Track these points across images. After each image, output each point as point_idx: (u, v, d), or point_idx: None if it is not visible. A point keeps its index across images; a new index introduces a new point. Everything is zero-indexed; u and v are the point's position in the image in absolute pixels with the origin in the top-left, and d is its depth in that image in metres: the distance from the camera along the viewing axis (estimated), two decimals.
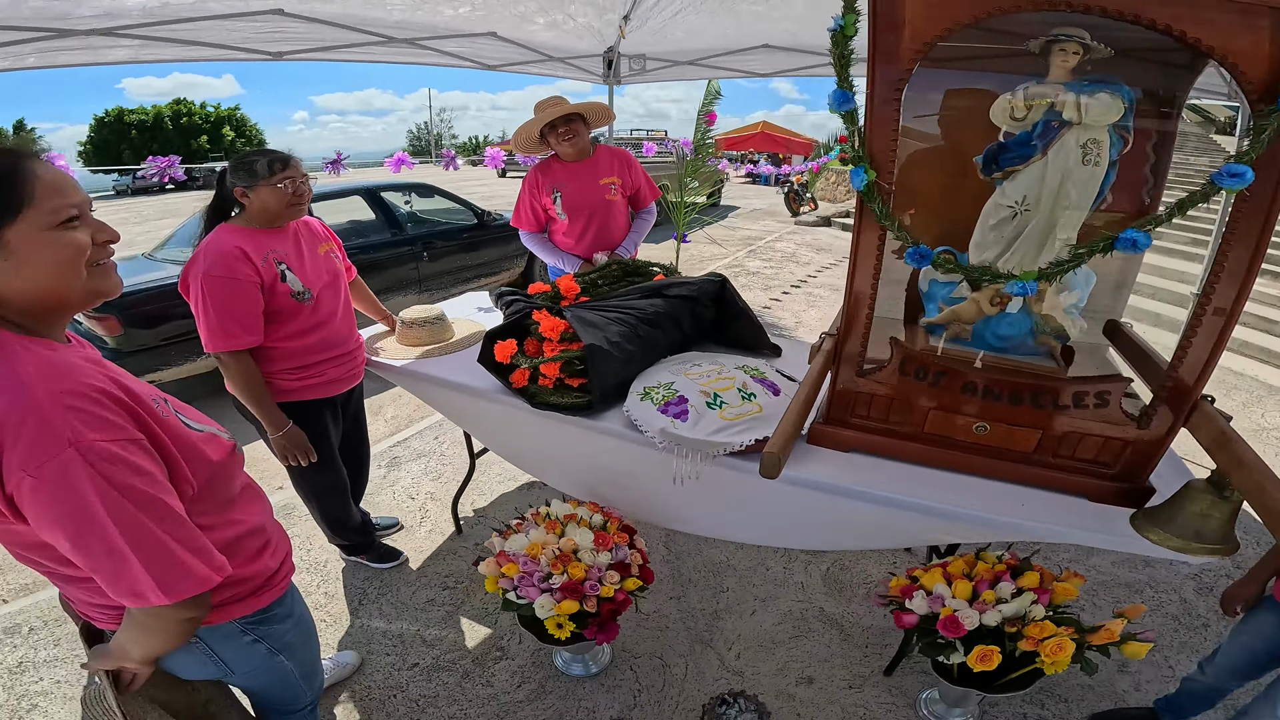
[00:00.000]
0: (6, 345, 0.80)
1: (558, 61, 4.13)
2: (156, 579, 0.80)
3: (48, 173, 0.81)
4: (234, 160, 1.77)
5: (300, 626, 1.20)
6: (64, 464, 0.74)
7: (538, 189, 2.70)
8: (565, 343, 1.78)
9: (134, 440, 0.81)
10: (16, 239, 0.78)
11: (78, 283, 0.85)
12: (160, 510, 0.82)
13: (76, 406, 0.77)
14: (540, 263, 6.29)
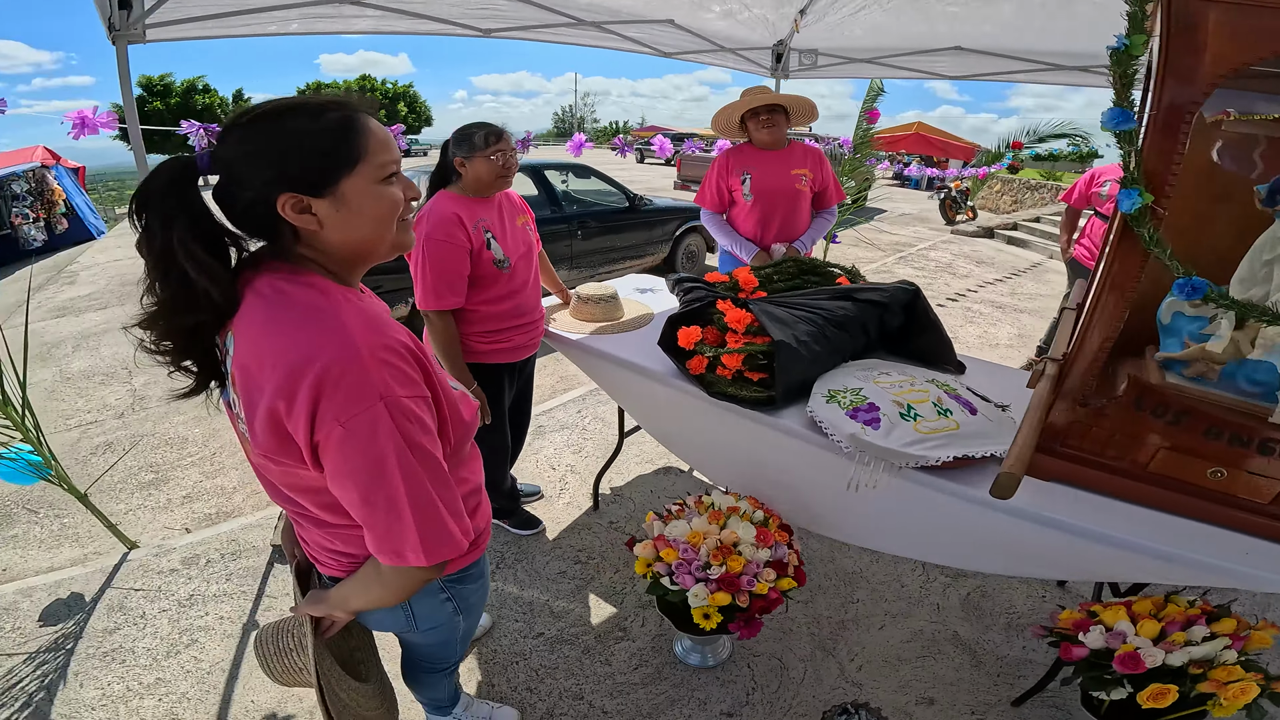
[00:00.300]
0: (332, 295, 0.82)
1: (728, 52, 4.09)
2: (422, 540, 0.81)
3: (377, 128, 0.84)
4: (456, 132, 1.90)
5: (483, 589, 1.23)
6: (374, 417, 0.75)
7: (726, 170, 2.72)
8: (750, 336, 1.75)
9: (425, 398, 0.83)
10: (350, 190, 0.80)
11: (389, 235, 0.87)
12: (436, 471, 0.83)
13: (389, 361, 0.78)
14: (682, 250, 6.42)
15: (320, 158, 0.78)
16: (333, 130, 0.79)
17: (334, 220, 0.81)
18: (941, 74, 4.27)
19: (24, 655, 1.98)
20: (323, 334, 0.77)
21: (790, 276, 2.18)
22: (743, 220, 2.75)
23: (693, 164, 11.87)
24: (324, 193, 0.79)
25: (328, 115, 0.80)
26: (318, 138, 0.78)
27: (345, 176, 0.80)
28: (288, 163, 0.77)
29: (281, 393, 0.75)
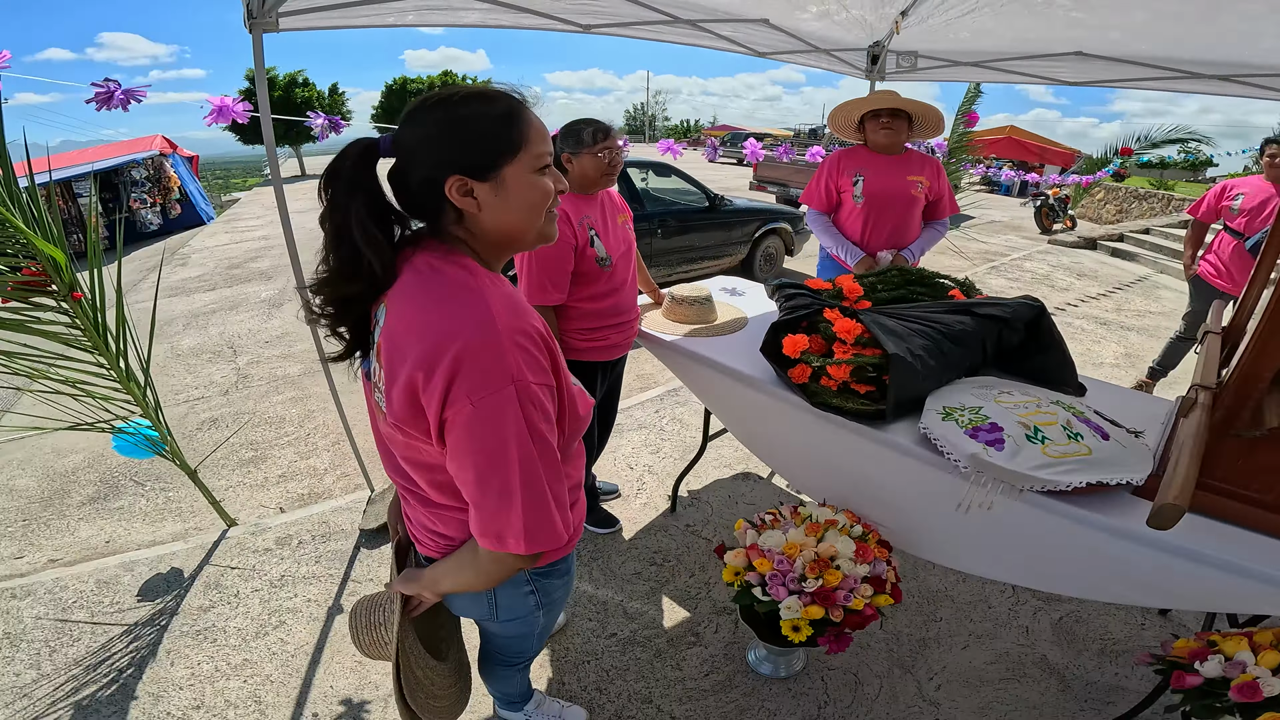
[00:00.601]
0: (479, 277, 0.84)
1: (821, 52, 3.96)
2: (526, 527, 0.81)
3: (536, 120, 0.86)
4: (564, 128, 1.89)
5: (567, 586, 1.21)
6: (503, 400, 0.76)
7: (837, 170, 2.64)
8: (859, 347, 1.66)
9: (550, 386, 0.84)
10: (510, 176, 0.83)
11: (536, 224, 0.89)
12: (552, 460, 0.83)
13: (524, 346, 0.80)
14: (761, 252, 6.29)
15: (487, 143, 0.82)
16: (500, 118, 0.82)
17: (492, 204, 0.84)
18: (1060, 79, 4.01)
19: (120, 629, 2.10)
20: (468, 312, 0.79)
21: (895, 286, 2.07)
22: (849, 223, 2.66)
23: (769, 165, 11.64)
24: (487, 177, 0.82)
25: (497, 104, 0.83)
26: (487, 124, 0.82)
27: (508, 163, 0.83)
28: (459, 146, 0.81)
29: (422, 364, 0.78)
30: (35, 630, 2.08)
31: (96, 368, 2.22)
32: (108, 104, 1.84)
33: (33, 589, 2.27)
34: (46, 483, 3.10)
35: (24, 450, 3.38)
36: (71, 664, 1.95)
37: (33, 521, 2.77)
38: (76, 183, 10.26)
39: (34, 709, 1.80)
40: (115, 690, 1.85)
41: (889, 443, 1.57)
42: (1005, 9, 2.92)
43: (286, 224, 2.20)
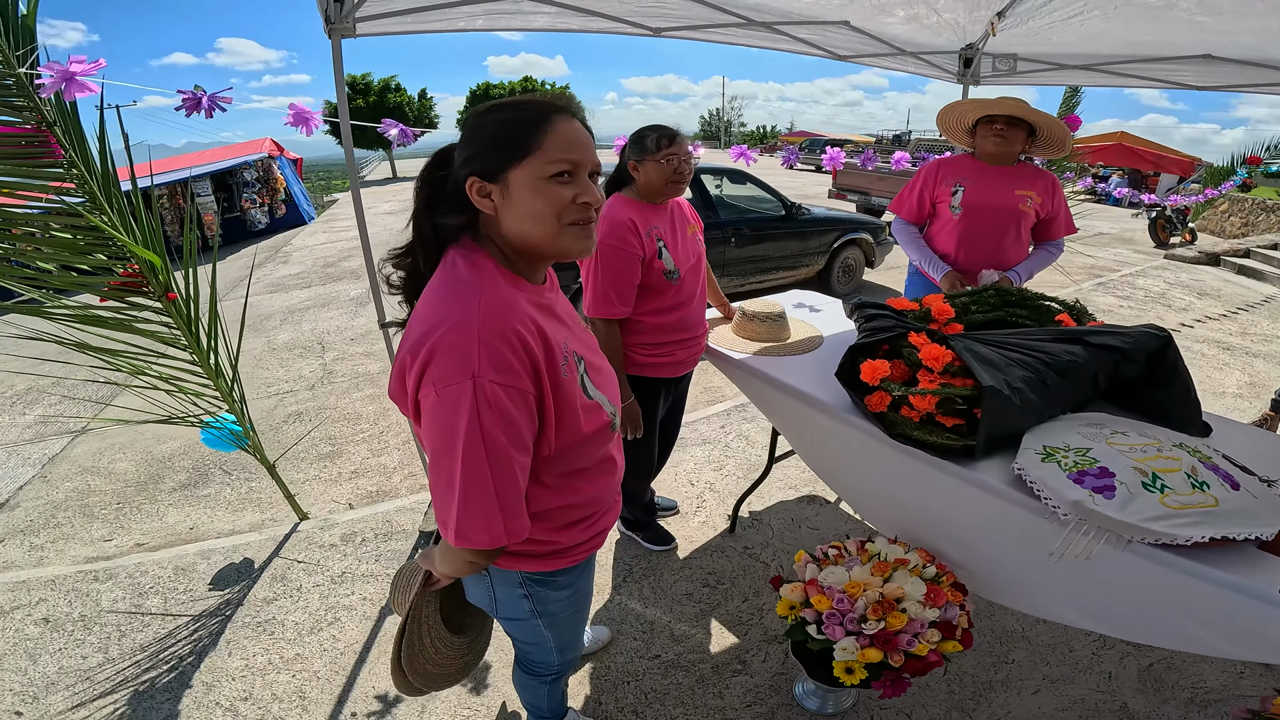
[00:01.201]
0: (483, 275, 0.88)
1: (908, 56, 3.74)
2: (459, 521, 0.84)
3: (566, 127, 0.87)
4: (632, 135, 1.82)
5: (573, 601, 1.20)
6: (460, 392, 0.79)
7: (935, 178, 2.44)
8: (947, 376, 1.51)
9: (521, 391, 0.84)
10: (515, 180, 0.86)
11: (549, 235, 0.89)
12: (503, 464, 0.83)
13: (493, 345, 0.81)
14: (839, 264, 6.02)
15: (496, 146, 0.86)
16: (517, 123, 0.86)
17: (503, 208, 0.88)
18: (1183, 83, 3.63)
19: (189, 617, 2.18)
20: (453, 305, 0.84)
21: (992, 308, 1.89)
22: (942, 236, 2.45)
23: (849, 172, 11.22)
24: (497, 179, 0.87)
25: (522, 111, 0.87)
26: (502, 129, 0.86)
27: (513, 167, 0.85)
28: (476, 149, 0.88)
29: (410, 348, 0.84)
30: (109, 615, 2.20)
31: (188, 364, 2.34)
32: (195, 110, 1.92)
33: (115, 573, 2.42)
34: (144, 467, 3.33)
35: (128, 434, 3.65)
36: (137, 649, 2.04)
37: (126, 505, 2.96)
38: (196, 183, 11.20)
39: (92, 691, 1.89)
40: (173, 678, 1.93)
41: (976, 482, 1.42)
42: (1119, 11, 2.68)
43: (361, 223, 2.25)
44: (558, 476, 1.00)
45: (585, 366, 0.99)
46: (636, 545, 2.45)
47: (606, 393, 1.03)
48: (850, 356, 1.65)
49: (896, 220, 2.59)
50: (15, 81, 1.80)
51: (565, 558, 1.10)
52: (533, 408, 0.86)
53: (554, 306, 0.99)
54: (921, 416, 1.51)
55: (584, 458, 1.02)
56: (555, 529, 1.05)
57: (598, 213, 0.92)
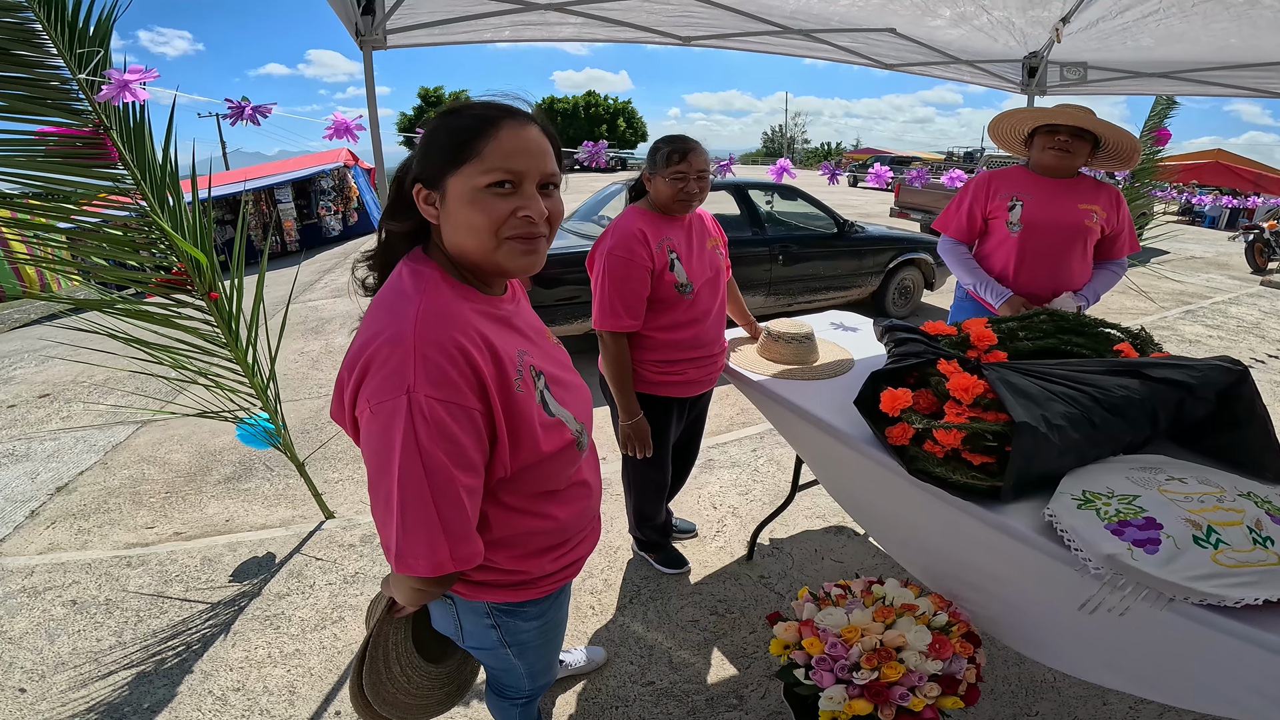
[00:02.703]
0: (424, 285, 0.83)
1: (963, 64, 3.54)
2: (399, 545, 0.78)
3: (513, 134, 0.81)
4: (653, 143, 1.77)
5: (544, 631, 1.12)
6: (394, 408, 0.75)
7: (986, 192, 2.25)
8: (978, 409, 1.37)
9: (464, 408, 0.78)
10: (451, 190, 0.82)
11: (485, 249, 0.83)
12: (444, 484, 0.77)
13: (431, 357, 0.76)
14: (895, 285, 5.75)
15: (436, 153, 0.82)
16: (458, 129, 0.81)
17: (443, 217, 0.84)
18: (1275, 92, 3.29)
19: (204, 606, 2.24)
20: (390, 317, 0.80)
21: (1043, 334, 1.72)
22: (997, 254, 2.25)
23: (912, 190, 10.83)
24: (435, 186, 0.83)
25: (467, 116, 0.82)
26: (444, 134, 0.82)
27: (449, 174, 0.81)
28: (420, 153, 0.84)
29: (347, 363, 0.80)
30: (132, 599, 2.28)
31: (228, 362, 2.42)
32: (240, 119, 1.99)
33: (146, 559, 2.51)
34: (196, 459, 3.48)
35: (187, 427, 3.83)
36: (149, 635, 2.10)
37: (173, 494, 3.09)
38: (278, 190, 11.92)
39: (96, 673, 1.95)
40: (175, 665, 1.97)
41: (1000, 527, 1.28)
42: (1196, 9, 2.45)
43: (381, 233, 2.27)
44: (524, 498, 0.94)
45: (546, 381, 0.93)
46: (648, 566, 2.37)
47: (572, 408, 0.97)
48: (871, 384, 1.52)
49: (943, 239, 2.40)
50: (77, 84, 1.91)
51: (534, 588, 1.03)
52: (479, 425, 0.80)
53: (512, 319, 0.93)
54: (946, 452, 1.37)
55: (551, 479, 0.95)
56: (522, 556, 0.99)
57: (551, 227, 0.86)
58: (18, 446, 3.77)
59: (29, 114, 1.90)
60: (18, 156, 1.93)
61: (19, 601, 2.26)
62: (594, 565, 2.40)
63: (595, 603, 2.21)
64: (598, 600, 2.22)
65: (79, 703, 1.82)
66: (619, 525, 2.57)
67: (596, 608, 2.18)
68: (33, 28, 1.83)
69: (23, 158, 1.94)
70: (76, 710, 1.80)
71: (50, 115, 1.92)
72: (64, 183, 2.03)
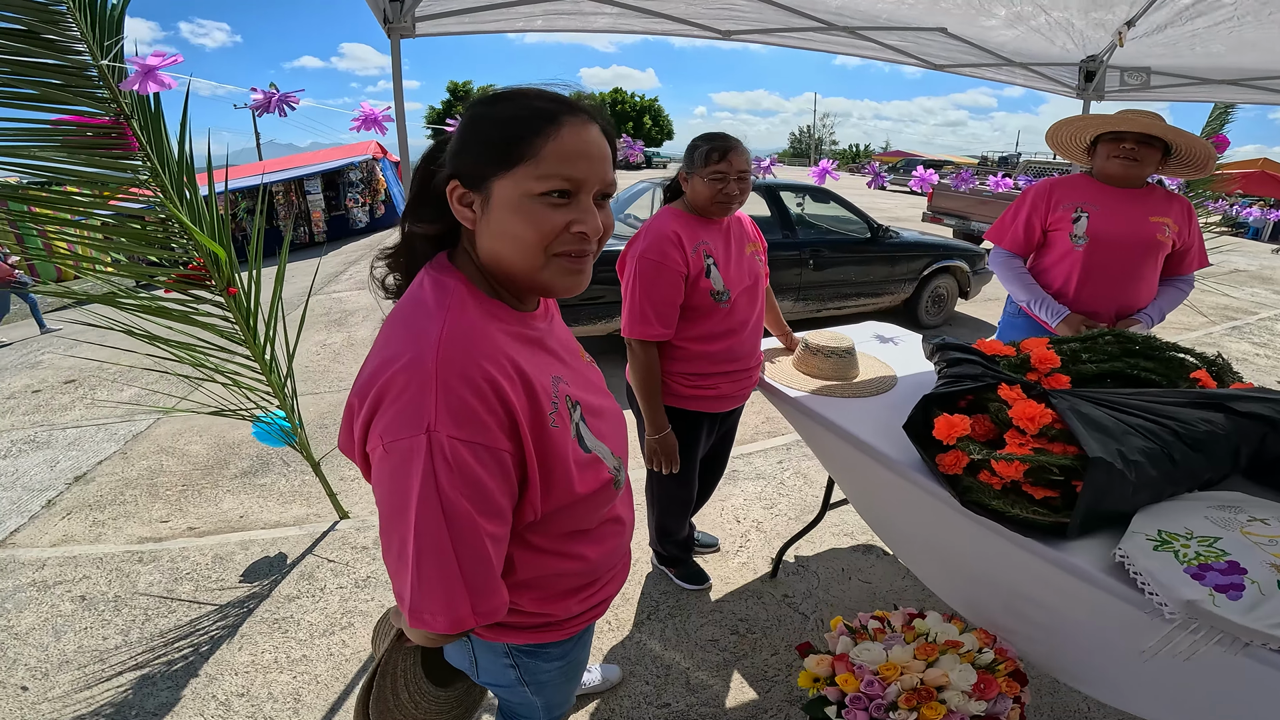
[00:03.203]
0: (449, 299, 0.73)
1: (1016, 66, 3.38)
2: (414, 600, 0.69)
3: (575, 134, 0.70)
4: (691, 141, 1.66)
5: (566, 670, 1.03)
6: (411, 449, 0.65)
7: (1047, 202, 2.08)
8: (1043, 440, 1.25)
9: (492, 449, 0.68)
10: (498, 194, 0.70)
11: (531, 266, 0.73)
12: (467, 535, 0.68)
13: (456, 391, 0.66)
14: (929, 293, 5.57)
15: (482, 149, 0.71)
16: (514, 123, 0.70)
17: (482, 222, 0.73)
18: None
19: (214, 607, 2.18)
20: (409, 340, 0.70)
21: (1109, 358, 1.59)
22: (1057, 269, 2.09)
23: (946, 194, 10.56)
24: (478, 187, 0.72)
25: (525, 107, 0.71)
26: (496, 128, 0.70)
27: (497, 177, 0.70)
28: (461, 147, 0.72)
29: (359, 389, 0.71)
30: (141, 598, 2.24)
31: (246, 359, 2.37)
32: (267, 110, 1.93)
33: (158, 555, 2.47)
34: (214, 451, 3.46)
35: (207, 417, 3.81)
36: (156, 635, 2.06)
37: (190, 488, 3.07)
38: (307, 181, 12.04)
39: (101, 673, 1.90)
40: (181, 668, 1.92)
41: (1063, 565, 1.17)
42: (1274, 17, 2.31)
43: None
44: (552, 539, 0.84)
45: (582, 412, 0.82)
46: (668, 581, 2.28)
47: (609, 441, 0.87)
48: (923, 408, 1.40)
49: (996, 251, 2.24)
50: (98, 72, 1.86)
51: (559, 630, 0.93)
52: (508, 468, 0.70)
53: (545, 339, 0.83)
54: (1005, 485, 1.25)
55: (583, 519, 0.85)
56: (547, 598, 0.89)
57: (601, 244, 0.76)
58: (39, 434, 3.79)
59: (56, 101, 1.85)
60: (34, 146, 1.89)
61: (28, 595, 2.23)
62: None
63: (612, 617, 2.12)
64: (614, 615, 2.13)
65: (81, 704, 1.78)
66: (639, 537, 2.47)
67: (613, 623, 2.10)
68: (59, 10, 1.78)
69: (41, 147, 1.89)
70: (78, 712, 1.76)
71: (74, 103, 1.87)
72: (83, 174, 1.99)
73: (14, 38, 1.76)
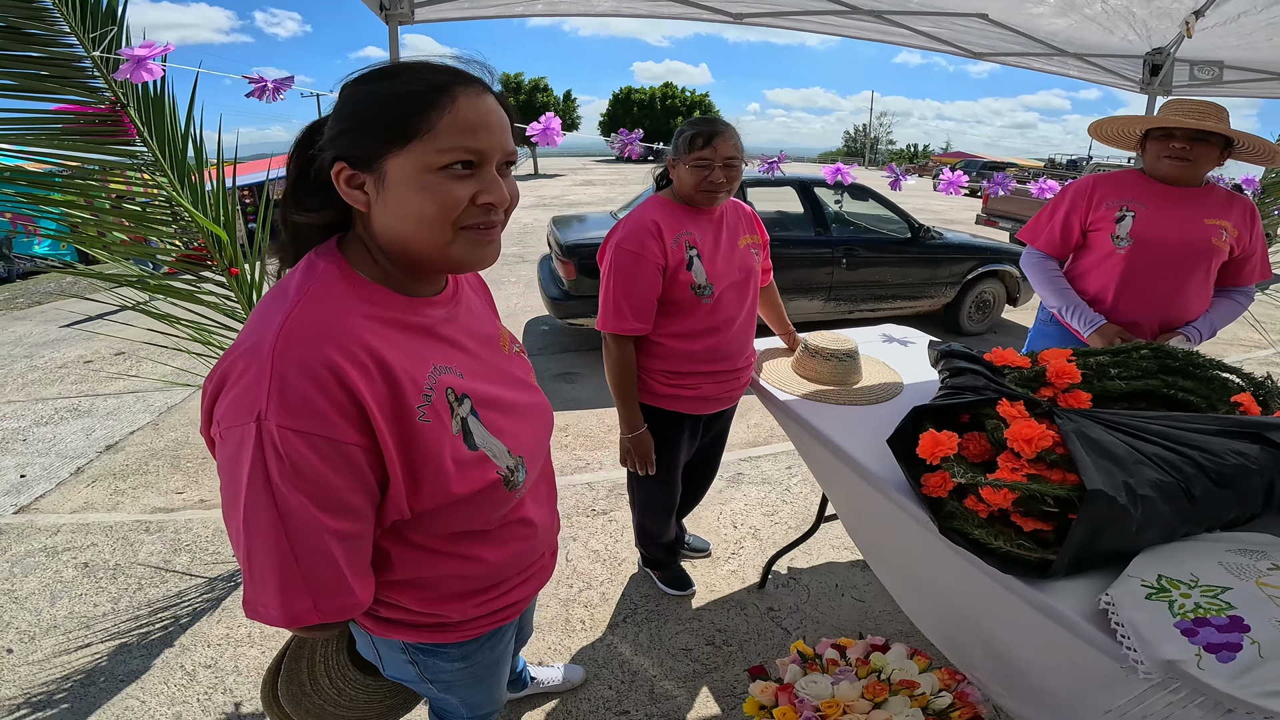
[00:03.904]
0: (309, 283, 0.68)
1: (1070, 57, 3.11)
2: (246, 590, 0.67)
3: (471, 104, 0.67)
4: (679, 127, 1.56)
5: (473, 671, 0.98)
6: (243, 436, 0.61)
7: (1089, 199, 1.89)
8: (1041, 465, 1.11)
9: (332, 441, 0.63)
10: (393, 172, 0.66)
11: (438, 243, 0.69)
12: (304, 531, 0.63)
13: (291, 380, 0.61)
14: (973, 297, 5.27)
15: (370, 128, 0.66)
16: (404, 98, 0.66)
17: (378, 204, 0.69)
18: None
19: (203, 580, 2.22)
20: (256, 325, 0.66)
21: (1141, 374, 1.42)
22: (1096, 275, 1.89)
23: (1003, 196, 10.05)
24: (370, 168, 0.67)
25: (411, 81, 0.67)
26: (384, 105, 0.66)
27: (391, 154, 0.66)
28: (347, 128, 0.68)
29: (214, 370, 0.66)
30: (138, 567, 2.29)
31: None
32: (261, 95, 1.93)
33: (164, 526, 2.53)
34: None
35: None
36: (143, 605, 2.10)
37: (209, 460, 3.14)
38: None
39: (84, 639, 1.95)
40: (159, 637, 1.96)
41: (1041, 606, 1.04)
42: None
43: None
44: (437, 539, 0.78)
45: (474, 405, 0.76)
46: (651, 583, 2.20)
47: (510, 439, 0.80)
48: (912, 420, 1.28)
49: (1029, 252, 2.05)
50: (92, 63, 1.89)
51: (456, 631, 0.88)
52: (359, 462, 0.65)
53: (438, 326, 0.77)
54: (991, 513, 1.12)
55: (472, 520, 0.79)
56: (437, 599, 0.83)
57: (507, 214, 0.71)
58: (83, 403, 3.97)
59: (45, 92, 1.89)
60: (33, 135, 1.93)
61: (36, 561, 2.32)
62: (594, 575, 2.25)
63: (587, 616, 2.06)
64: (590, 614, 2.07)
65: (56, 668, 1.83)
66: (629, 535, 2.40)
67: (587, 622, 2.04)
68: (43, 4, 1.80)
69: (41, 136, 1.93)
70: (52, 675, 1.81)
71: (65, 93, 1.90)
72: (83, 160, 2.03)
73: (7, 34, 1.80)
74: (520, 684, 1.70)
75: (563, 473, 2.99)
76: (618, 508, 2.65)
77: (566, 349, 4.82)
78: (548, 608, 2.08)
